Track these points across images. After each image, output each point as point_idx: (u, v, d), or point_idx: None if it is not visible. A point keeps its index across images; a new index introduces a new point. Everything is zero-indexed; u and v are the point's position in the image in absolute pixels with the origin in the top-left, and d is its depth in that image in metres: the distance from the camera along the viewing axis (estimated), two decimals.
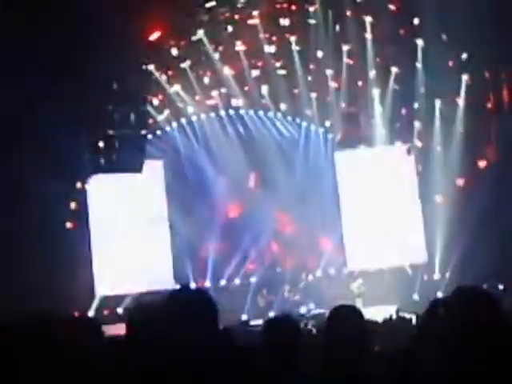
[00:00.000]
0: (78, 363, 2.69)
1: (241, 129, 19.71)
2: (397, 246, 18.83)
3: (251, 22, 18.06)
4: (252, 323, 15.58)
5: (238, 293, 18.38)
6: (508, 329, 2.43)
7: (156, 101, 18.64)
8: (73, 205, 17.39)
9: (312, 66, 18.94)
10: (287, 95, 19.34)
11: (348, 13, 17.74)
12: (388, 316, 10.28)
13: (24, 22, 13.99)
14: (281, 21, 18.11)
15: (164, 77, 18.38)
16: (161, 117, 19.02)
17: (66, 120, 14.65)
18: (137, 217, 18.40)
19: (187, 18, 17.47)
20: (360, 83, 18.95)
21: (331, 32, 18.15)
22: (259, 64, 18.87)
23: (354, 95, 19.15)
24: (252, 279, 19.02)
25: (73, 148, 15.65)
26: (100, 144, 17.33)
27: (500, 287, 15.97)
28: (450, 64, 17.85)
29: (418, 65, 18.15)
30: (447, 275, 18.05)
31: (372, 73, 18.57)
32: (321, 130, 20.07)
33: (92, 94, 15.87)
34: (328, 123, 19.90)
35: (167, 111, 19.10)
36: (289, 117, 19.95)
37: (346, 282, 18.61)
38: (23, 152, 15.35)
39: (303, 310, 17.83)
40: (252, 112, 19.78)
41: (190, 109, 19.30)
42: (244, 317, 17.46)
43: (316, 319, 13.80)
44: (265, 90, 19.26)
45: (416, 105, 18.65)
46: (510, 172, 17.17)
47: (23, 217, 15.39)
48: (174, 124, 19.43)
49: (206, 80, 18.86)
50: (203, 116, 19.52)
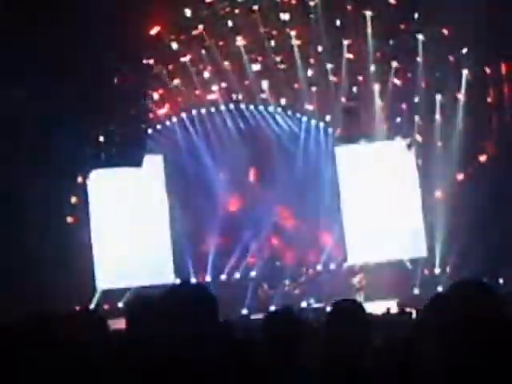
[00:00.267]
0: (80, 358, 2.71)
1: (241, 123, 19.69)
2: (397, 241, 18.85)
3: (251, 17, 18.06)
4: (252, 317, 15.61)
5: (239, 287, 18.40)
6: (508, 322, 2.45)
7: (156, 95, 18.63)
8: (74, 199, 17.42)
9: (312, 61, 18.92)
10: (287, 90, 19.33)
11: (348, 7, 17.72)
12: (387, 310, 10.30)
13: (24, 22, 13.97)
14: (281, 15, 18.10)
15: (164, 71, 18.37)
16: (161, 111, 19.01)
17: (67, 115, 14.64)
18: (137, 211, 18.42)
19: (187, 13, 17.45)
20: (360, 78, 18.93)
21: (331, 27, 18.13)
22: (259, 58, 18.85)
23: (355, 90, 19.14)
24: (252, 273, 19.04)
25: (73, 143, 15.64)
26: (100, 139, 17.36)
27: (500, 281, 16.00)
28: (451, 59, 17.84)
29: (419, 59, 18.12)
30: (447, 269, 18.07)
31: (372, 67, 18.55)
32: (321, 125, 20.06)
33: (92, 89, 15.85)
34: (328, 118, 19.88)
35: (167, 106, 19.09)
36: (289, 111, 19.93)
37: (347, 277, 18.64)
38: (24, 148, 15.34)
39: (303, 305, 17.87)
40: (252, 106, 19.77)
41: (190, 103, 19.28)
42: (244, 311, 17.48)
43: (316, 313, 13.81)
44: (265, 85, 19.25)
45: (416, 99, 18.64)
46: (510, 166, 17.17)
47: (25, 211, 15.39)
48: (174, 118, 19.43)
49: (207, 74, 18.84)
50: (203, 110, 19.51)
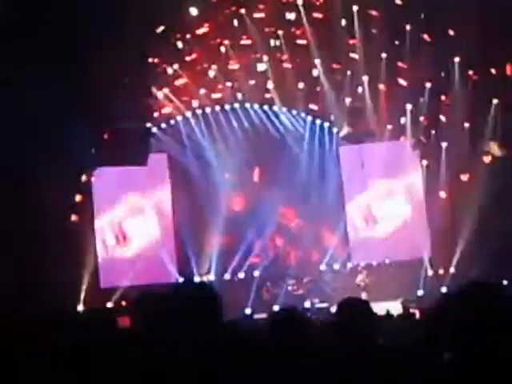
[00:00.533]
0: (86, 357, 2.71)
1: (246, 122, 19.67)
2: (401, 241, 18.82)
3: (257, 16, 18.05)
4: (256, 317, 15.60)
5: (242, 286, 18.38)
6: None
7: (161, 94, 18.63)
8: (78, 197, 17.42)
9: (317, 61, 18.90)
10: (292, 89, 19.30)
11: (354, 7, 17.70)
12: (390, 311, 10.29)
13: (24, 22, 13.97)
14: (287, 15, 18.09)
15: (169, 70, 18.37)
16: (166, 110, 19.00)
17: (71, 113, 14.64)
18: (141, 210, 18.41)
19: (194, 12, 17.46)
20: (366, 78, 18.91)
21: (337, 26, 18.11)
22: (265, 58, 18.84)
23: (360, 90, 19.12)
24: (256, 273, 19.01)
25: (78, 141, 15.65)
26: (105, 137, 17.36)
27: (504, 282, 15.95)
28: (456, 59, 17.81)
29: (424, 60, 18.09)
30: (451, 270, 18.05)
31: (378, 67, 18.52)
32: (326, 125, 20.02)
33: (97, 88, 15.85)
34: (333, 118, 19.86)
35: (172, 104, 19.09)
36: (294, 111, 19.90)
37: (350, 277, 18.62)
38: (28, 146, 15.35)
39: (307, 304, 17.86)
40: (257, 106, 19.74)
41: (195, 102, 19.28)
42: (248, 310, 17.46)
43: (320, 313, 13.81)
44: (270, 84, 19.23)
45: (421, 100, 18.61)
46: None
47: (28, 209, 15.40)
48: (179, 117, 19.40)
49: (212, 73, 18.83)
50: (208, 109, 19.49)
